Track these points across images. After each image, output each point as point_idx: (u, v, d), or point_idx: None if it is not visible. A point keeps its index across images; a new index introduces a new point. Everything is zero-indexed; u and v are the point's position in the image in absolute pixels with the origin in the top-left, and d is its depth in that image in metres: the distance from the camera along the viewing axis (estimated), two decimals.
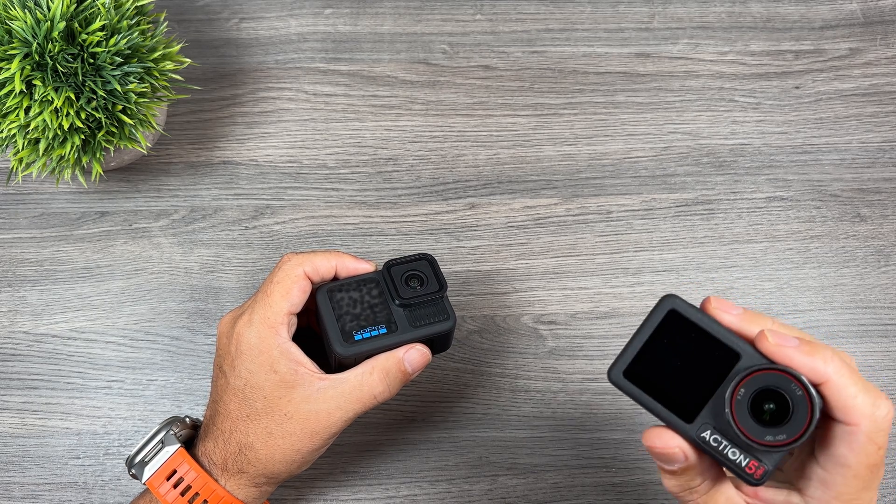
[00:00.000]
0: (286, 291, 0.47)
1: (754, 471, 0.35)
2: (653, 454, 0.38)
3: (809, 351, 0.35)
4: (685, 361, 0.37)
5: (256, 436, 0.47)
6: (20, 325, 0.60)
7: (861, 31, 0.68)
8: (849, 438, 0.35)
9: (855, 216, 0.63)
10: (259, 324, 0.47)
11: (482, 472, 0.58)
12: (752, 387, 0.35)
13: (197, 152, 0.64)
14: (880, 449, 0.35)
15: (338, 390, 0.47)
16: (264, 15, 0.67)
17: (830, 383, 0.35)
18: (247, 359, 0.47)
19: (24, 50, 0.50)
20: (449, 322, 0.49)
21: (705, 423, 0.36)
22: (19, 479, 0.57)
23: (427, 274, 0.50)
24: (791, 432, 0.34)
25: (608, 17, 0.68)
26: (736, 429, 0.35)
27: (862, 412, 0.34)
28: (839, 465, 0.35)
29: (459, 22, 0.67)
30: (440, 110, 0.65)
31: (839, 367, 0.35)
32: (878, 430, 0.35)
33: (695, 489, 0.38)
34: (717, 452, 0.36)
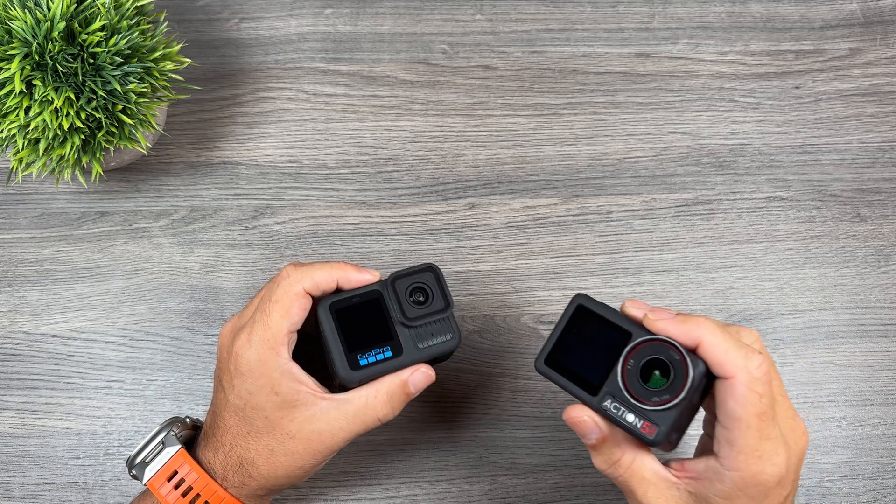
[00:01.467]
0: (285, 311, 0.46)
1: (648, 430, 0.40)
2: (573, 427, 0.42)
3: (683, 320, 0.40)
4: (591, 346, 0.43)
5: (258, 452, 0.46)
6: (20, 325, 0.60)
7: (861, 31, 0.68)
8: (731, 391, 0.38)
9: (855, 216, 0.63)
10: (258, 344, 0.46)
11: (482, 472, 0.58)
12: (639, 357, 0.40)
13: (197, 152, 0.64)
14: (762, 397, 0.38)
15: (341, 411, 0.46)
16: (264, 15, 0.67)
17: (704, 344, 0.39)
18: (247, 379, 0.46)
19: (24, 50, 0.50)
20: (454, 341, 0.48)
21: (606, 393, 0.41)
22: (19, 479, 0.57)
23: (432, 287, 0.48)
24: (672, 392, 0.39)
25: (608, 17, 0.68)
26: (627, 394, 0.40)
27: (735, 364, 0.38)
28: (732, 419, 0.39)
29: (459, 22, 0.67)
30: (440, 110, 0.65)
31: (711, 328, 0.39)
32: (755, 380, 0.38)
33: (618, 462, 0.42)
34: (617, 417, 0.41)
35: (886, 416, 0.59)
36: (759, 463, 0.39)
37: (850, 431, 0.59)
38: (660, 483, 0.42)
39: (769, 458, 0.39)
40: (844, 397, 0.59)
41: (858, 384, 0.59)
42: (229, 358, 0.47)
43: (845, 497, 0.57)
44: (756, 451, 0.39)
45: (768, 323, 0.60)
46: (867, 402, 0.59)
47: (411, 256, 0.62)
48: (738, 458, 0.39)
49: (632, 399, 0.40)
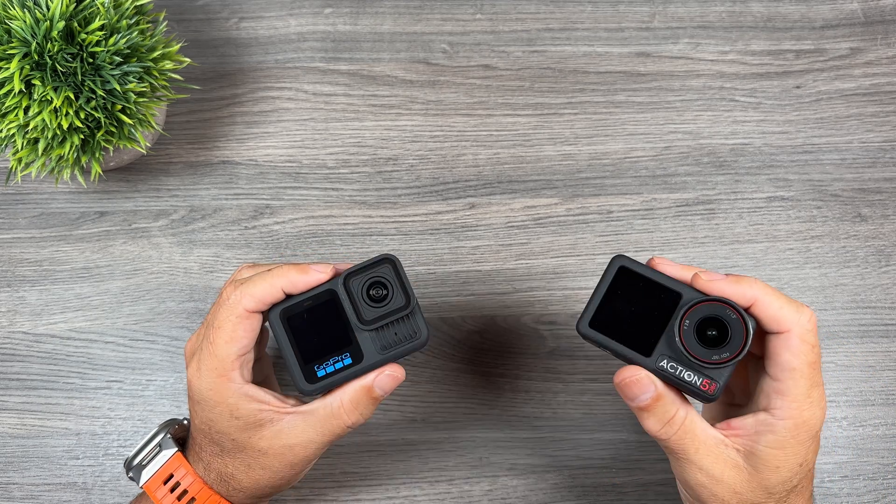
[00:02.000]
0: (230, 336, 0.43)
1: (708, 387, 0.41)
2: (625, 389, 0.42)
3: (735, 280, 0.42)
4: (638, 307, 0.43)
5: (235, 468, 0.46)
6: (19, 325, 0.60)
7: (862, 31, 0.67)
8: (786, 344, 0.41)
9: (856, 216, 0.63)
10: (207, 374, 0.44)
11: (482, 472, 0.58)
12: (695, 317, 0.41)
13: (196, 152, 0.64)
14: (814, 347, 0.41)
15: (308, 423, 0.45)
16: (264, 14, 0.67)
17: (758, 302, 0.41)
18: (204, 407, 0.45)
19: (24, 49, 0.50)
20: (420, 339, 0.44)
21: (661, 353, 0.42)
22: (19, 479, 0.57)
23: (391, 280, 0.44)
24: (732, 349, 0.41)
25: (608, 17, 0.67)
26: (686, 353, 0.41)
27: (790, 318, 0.41)
28: (786, 369, 0.41)
29: (459, 21, 0.67)
30: (440, 110, 0.65)
31: (763, 288, 0.41)
32: (807, 331, 0.41)
33: (672, 420, 0.42)
34: (675, 377, 0.41)
35: (887, 416, 0.59)
36: (811, 408, 0.41)
37: (851, 432, 0.59)
38: (709, 441, 0.42)
39: (818, 402, 0.41)
40: (845, 397, 0.59)
41: (859, 384, 0.59)
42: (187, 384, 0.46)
43: (846, 497, 0.57)
44: (809, 397, 0.41)
45: None
46: (868, 403, 0.59)
47: (411, 256, 0.62)
48: (791, 406, 0.41)
49: (692, 358, 0.41)
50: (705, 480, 0.42)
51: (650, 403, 0.42)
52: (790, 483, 0.42)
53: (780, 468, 0.42)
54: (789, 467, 0.42)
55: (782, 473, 0.42)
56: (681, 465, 0.43)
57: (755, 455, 0.42)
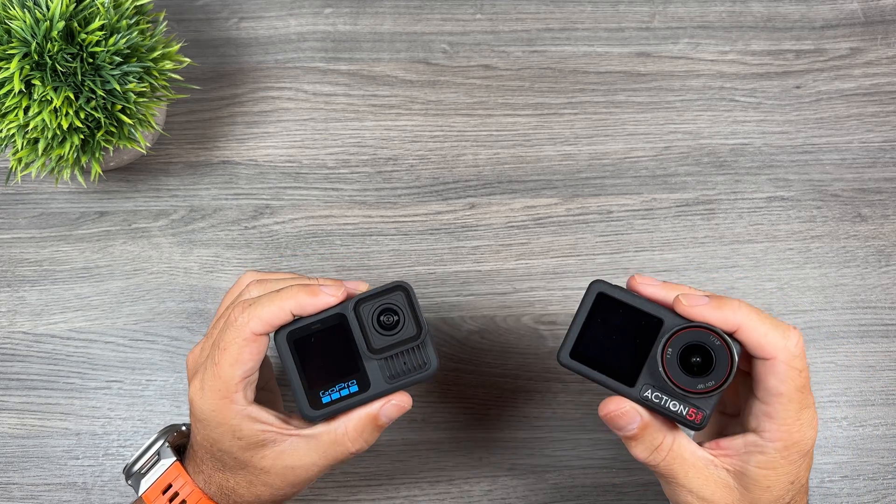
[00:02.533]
0: (235, 359, 0.43)
1: (694, 416, 0.40)
2: (611, 421, 0.42)
3: (718, 305, 0.40)
4: (619, 335, 0.41)
5: (237, 483, 0.46)
6: (19, 325, 0.60)
7: (862, 31, 0.67)
8: (773, 370, 0.40)
9: (856, 216, 0.63)
10: (210, 394, 0.43)
11: (482, 472, 0.58)
12: (677, 345, 0.40)
13: (196, 152, 0.64)
14: (801, 372, 0.40)
15: (311, 446, 0.44)
16: (264, 14, 0.67)
17: (743, 328, 0.40)
18: (206, 426, 0.44)
19: (24, 49, 0.50)
20: (429, 370, 0.43)
21: (645, 383, 0.41)
22: (18, 479, 0.57)
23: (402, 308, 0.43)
24: (717, 377, 0.39)
25: (608, 17, 0.67)
26: (670, 383, 0.40)
27: (775, 345, 0.40)
28: (774, 395, 0.40)
29: (459, 21, 0.67)
30: (440, 110, 0.65)
31: (747, 312, 0.40)
32: (794, 357, 0.40)
33: (660, 447, 0.42)
34: (660, 407, 0.41)
35: (887, 416, 0.59)
36: (801, 430, 0.41)
37: (851, 432, 0.59)
38: (698, 463, 0.42)
39: (808, 423, 0.41)
40: (845, 397, 0.59)
41: (859, 384, 0.59)
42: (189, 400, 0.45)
43: (846, 497, 0.57)
44: (798, 420, 0.40)
45: None
46: (868, 403, 0.59)
47: (411, 256, 0.62)
48: (780, 429, 0.40)
49: (676, 388, 0.40)
50: (695, 502, 0.42)
51: (637, 433, 0.42)
52: (782, 501, 0.42)
53: (771, 487, 0.41)
54: (780, 486, 0.41)
55: (773, 492, 0.42)
56: (671, 488, 0.43)
57: (745, 475, 0.42)
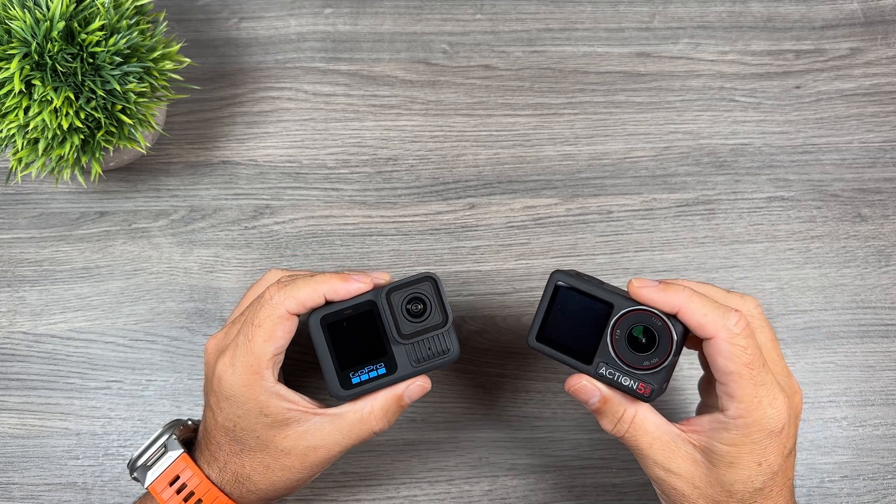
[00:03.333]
0: (269, 335, 0.44)
1: (644, 390, 0.43)
2: (575, 395, 0.45)
3: (664, 288, 0.43)
4: (576, 318, 0.46)
5: (253, 469, 0.46)
6: (19, 325, 0.60)
7: (862, 31, 0.67)
8: (717, 350, 0.42)
9: (856, 216, 0.63)
10: (242, 369, 0.45)
11: (482, 472, 0.58)
12: (625, 327, 0.44)
13: (196, 152, 0.64)
14: (746, 349, 0.42)
15: (335, 425, 0.46)
16: (264, 14, 0.67)
17: (683, 310, 0.42)
18: (233, 403, 0.45)
19: (24, 50, 0.50)
20: (452, 355, 0.46)
21: (600, 361, 0.45)
22: (19, 479, 0.57)
23: (430, 297, 0.46)
24: (661, 354, 0.43)
25: (608, 17, 0.67)
26: (619, 361, 0.44)
27: (714, 324, 0.42)
28: (725, 373, 0.42)
29: (459, 21, 0.67)
30: (440, 110, 0.65)
31: (688, 296, 0.42)
32: (734, 335, 0.41)
33: (622, 418, 0.44)
34: (614, 382, 0.44)
35: (887, 416, 0.59)
36: (759, 408, 0.42)
37: (851, 432, 0.59)
38: (664, 436, 0.44)
39: (769, 402, 0.42)
40: (845, 398, 0.59)
41: (859, 384, 0.59)
42: (213, 378, 0.46)
43: (846, 497, 0.57)
44: (755, 397, 0.42)
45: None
46: (868, 403, 0.59)
47: (411, 256, 0.62)
48: (739, 406, 0.42)
49: (624, 366, 0.44)
50: (662, 474, 0.44)
51: (599, 406, 0.45)
52: (752, 484, 0.43)
53: (735, 465, 0.43)
54: (746, 465, 0.42)
55: (740, 472, 0.43)
56: (640, 460, 0.45)
57: (711, 451, 0.43)
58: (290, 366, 0.59)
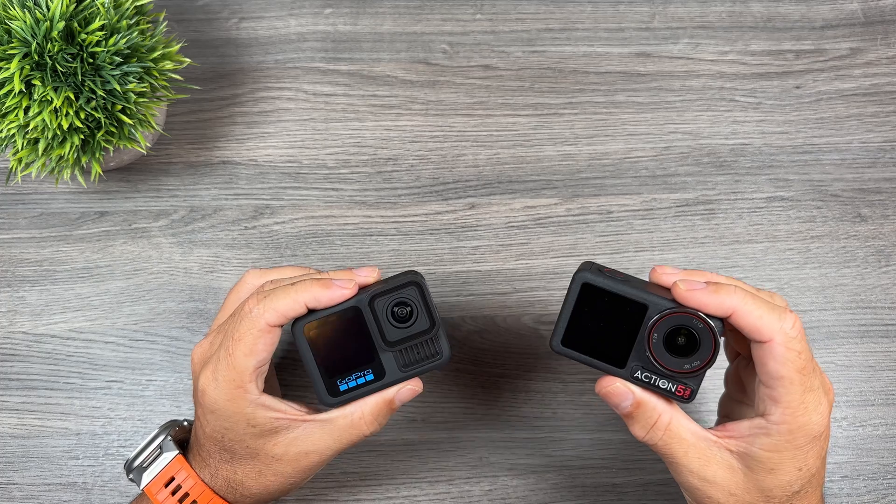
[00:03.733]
0: (250, 349, 0.43)
1: (683, 392, 0.42)
2: (606, 398, 0.44)
3: (715, 290, 0.41)
4: (606, 320, 0.43)
5: (245, 474, 0.46)
6: (19, 325, 0.60)
7: (862, 31, 0.67)
8: (771, 353, 0.40)
9: (856, 216, 0.63)
10: (224, 384, 0.44)
11: (482, 472, 0.58)
12: (662, 329, 0.42)
13: (196, 152, 0.64)
14: (801, 354, 0.40)
15: (325, 430, 0.45)
16: (264, 14, 0.67)
17: (738, 312, 0.41)
18: (218, 416, 0.45)
19: (24, 50, 0.50)
20: (442, 359, 0.45)
21: (634, 364, 0.43)
22: (19, 479, 0.57)
23: (416, 302, 0.44)
24: (703, 357, 0.41)
25: (608, 17, 0.67)
26: (657, 364, 0.42)
27: (771, 328, 0.40)
28: (775, 378, 0.40)
29: (459, 22, 0.67)
30: (440, 110, 0.65)
31: (742, 297, 0.41)
32: (791, 339, 0.40)
33: (656, 424, 0.43)
34: (650, 385, 0.43)
35: (887, 416, 0.59)
36: (805, 414, 0.41)
37: (851, 432, 0.59)
38: (699, 443, 0.43)
39: (815, 408, 0.41)
40: (845, 398, 0.59)
41: (859, 384, 0.59)
42: (198, 392, 0.45)
43: (846, 497, 0.57)
44: (802, 403, 0.41)
45: None
46: (868, 403, 0.59)
47: (411, 256, 0.62)
48: (784, 412, 0.41)
49: (663, 369, 0.42)
50: (697, 483, 0.43)
51: (631, 411, 0.43)
52: (790, 488, 0.42)
53: (776, 471, 0.41)
54: (787, 471, 0.41)
55: (780, 477, 0.42)
56: (673, 468, 0.44)
57: (750, 457, 0.42)
58: (289, 366, 0.59)
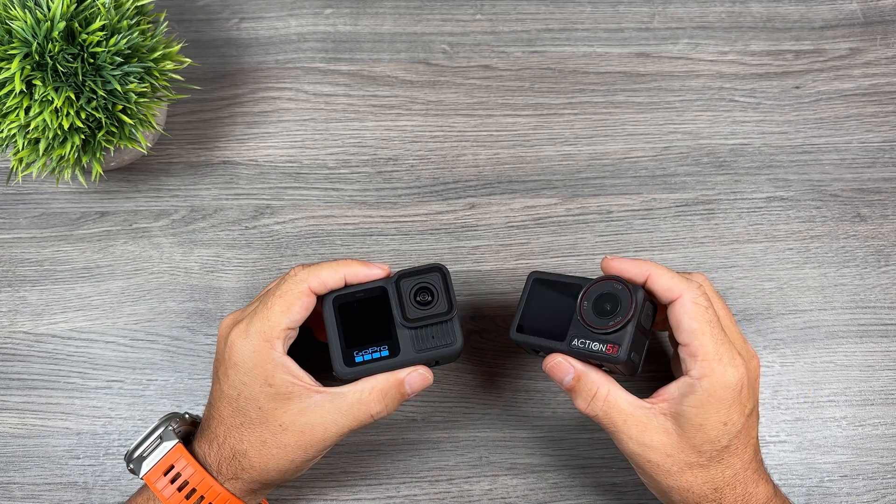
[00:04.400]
0: (287, 307, 0.46)
1: (612, 350, 0.46)
2: (551, 374, 0.48)
3: (632, 260, 0.48)
4: (552, 305, 0.49)
5: (250, 444, 0.47)
6: (20, 325, 0.60)
7: (861, 31, 0.68)
8: (683, 309, 0.46)
9: (855, 216, 0.63)
10: (255, 336, 0.46)
11: (482, 472, 0.58)
12: (590, 297, 0.47)
13: (197, 152, 0.64)
14: (707, 308, 0.46)
15: (335, 405, 0.46)
16: (264, 15, 0.67)
17: (651, 276, 0.47)
18: (241, 370, 0.46)
19: (25, 50, 0.50)
20: (455, 346, 0.48)
21: (571, 335, 0.48)
22: (19, 479, 0.57)
23: (438, 288, 0.48)
24: (623, 313, 0.46)
25: (608, 17, 0.67)
26: (588, 327, 0.47)
27: (680, 286, 0.46)
28: (688, 332, 0.45)
29: (459, 22, 0.67)
30: (440, 110, 0.65)
31: (656, 265, 0.47)
32: (697, 294, 0.46)
33: (595, 395, 0.47)
34: (585, 349, 0.47)
35: (887, 415, 0.59)
36: (721, 366, 0.45)
37: (851, 431, 0.59)
38: (636, 412, 0.46)
39: (729, 361, 0.45)
40: (845, 397, 0.59)
41: (859, 384, 0.59)
42: (225, 348, 0.47)
43: (846, 497, 0.57)
44: (716, 354, 0.45)
45: (768, 323, 0.60)
46: (867, 402, 0.59)
47: (411, 256, 0.62)
48: (702, 364, 0.45)
49: (592, 329, 0.47)
50: (638, 449, 0.46)
51: (573, 383, 0.47)
52: (718, 443, 0.45)
53: (704, 426, 0.45)
54: (712, 425, 0.45)
55: (707, 432, 0.45)
56: (615, 438, 0.47)
57: (680, 415, 0.46)
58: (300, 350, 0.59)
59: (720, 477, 0.46)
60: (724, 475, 0.46)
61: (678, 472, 0.46)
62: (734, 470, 0.46)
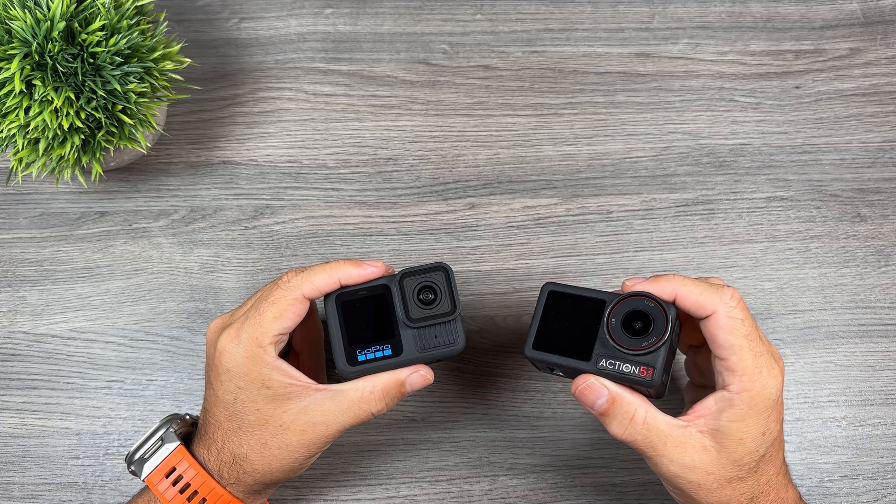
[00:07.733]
0: (279, 314, 0.46)
1: (646, 373, 0.43)
2: (581, 397, 0.45)
3: (655, 280, 0.45)
4: (571, 321, 0.46)
5: (251, 447, 0.46)
6: (20, 325, 0.60)
7: (861, 31, 0.68)
8: (717, 324, 0.44)
9: (855, 216, 0.63)
10: (247, 341, 0.46)
11: (482, 472, 0.58)
12: (619, 314, 0.44)
13: (197, 152, 0.64)
14: (744, 321, 0.44)
15: (335, 402, 0.46)
16: (264, 15, 0.67)
17: (680, 294, 0.44)
18: (234, 375, 0.46)
19: (24, 50, 0.50)
20: (457, 347, 0.47)
21: (598, 354, 0.45)
22: (19, 479, 0.57)
23: (441, 287, 0.47)
24: (658, 333, 0.43)
25: (608, 17, 0.67)
26: (618, 347, 0.44)
27: (711, 300, 0.44)
28: (725, 347, 0.43)
29: (459, 22, 0.67)
30: (440, 110, 0.65)
31: (681, 280, 0.45)
32: (731, 308, 0.44)
33: (633, 419, 0.44)
34: (615, 371, 0.44)
35: (887, 416, 0.59)
36: (761, 378, 0.43)
37: (851, 431, 0.59)
38: (674, 432, 0.44)
39: (768, 371, 0.44)
40: (845, 397, 0.59)
41: (859, 384, 0.59)
42: (215, 353, 0.47)
43: (845, 497, 0.57)
44: (755, 368, 0.43)
45: (768, 323, 0.60)
46: (867, 402, 0.59)
47: (411, 256, 0.62)
48: (742, 379, 0.43)
49: (624, 351, 0.44)
50: (679, 471, 0.44)
51: (607, 407, 0.44)
52: (757, 453, 0.44)
53: (744, 440, 0.44)
54: (752, 437, 0.44)
55: (747, 445, 0.44)
56: (654, 462, 0.45)
57: (720, 432, 0.44)
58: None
59: (756, 486, 0.45)
60: (759, 483, 0.45)
61: (718, 489, 0.44)
62: (768, 476, 0.45)
